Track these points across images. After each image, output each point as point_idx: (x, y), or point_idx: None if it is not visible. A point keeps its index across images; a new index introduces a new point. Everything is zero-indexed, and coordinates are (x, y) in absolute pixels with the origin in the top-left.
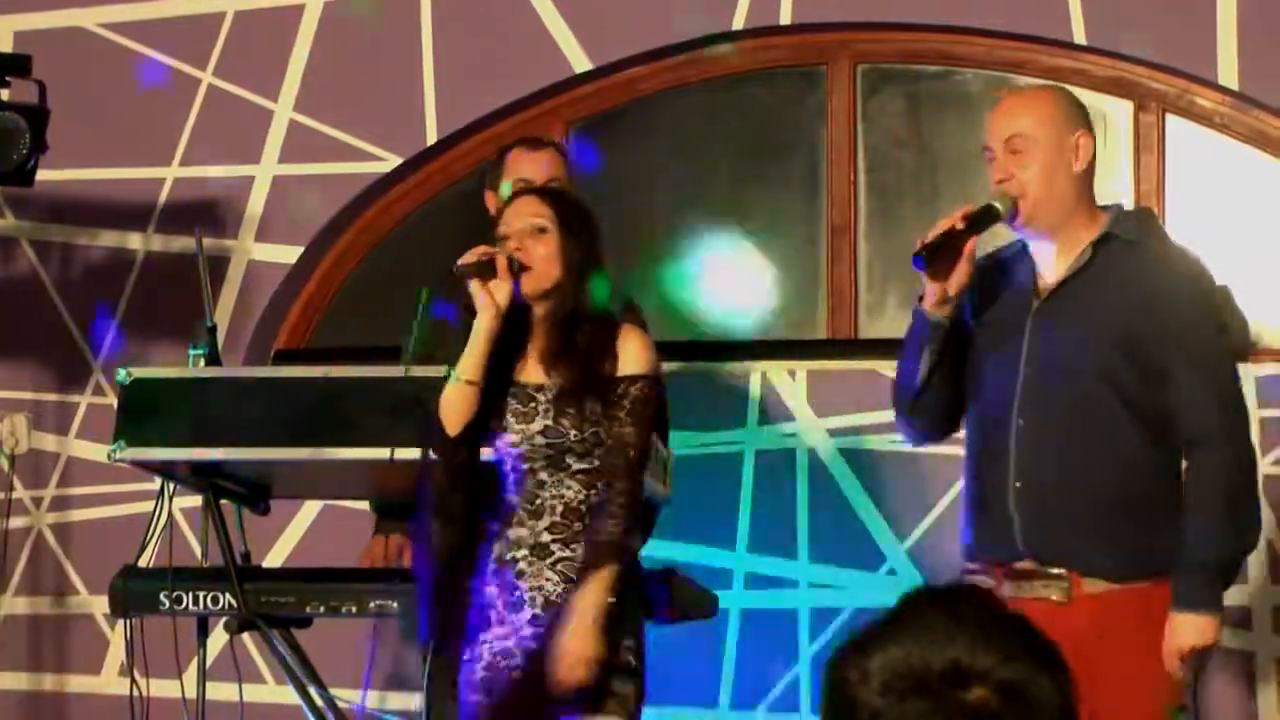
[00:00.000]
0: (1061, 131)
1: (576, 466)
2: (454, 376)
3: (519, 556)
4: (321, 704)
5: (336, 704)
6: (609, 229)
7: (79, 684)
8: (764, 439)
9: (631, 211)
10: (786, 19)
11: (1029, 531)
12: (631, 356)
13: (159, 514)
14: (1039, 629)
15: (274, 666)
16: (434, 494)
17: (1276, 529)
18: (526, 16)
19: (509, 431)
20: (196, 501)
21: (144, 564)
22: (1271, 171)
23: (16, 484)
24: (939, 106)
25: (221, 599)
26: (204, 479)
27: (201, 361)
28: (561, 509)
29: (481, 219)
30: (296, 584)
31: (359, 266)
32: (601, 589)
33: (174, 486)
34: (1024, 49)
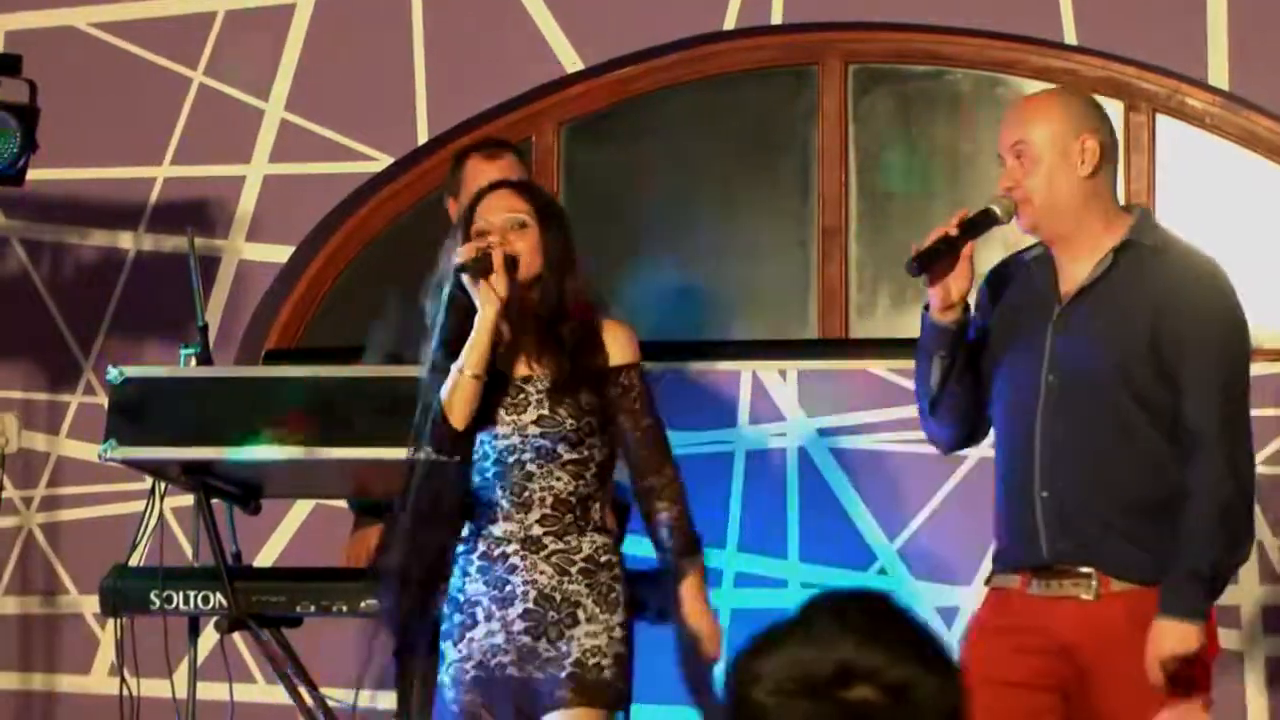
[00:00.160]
0: (1065, 136)
1: (568, 456)
2: (459, 370)
3: (509, 551)
4: (312, 703)
5: (327, 703)
6: (600, 229)
7: (69, 684)
8: (754, 439)
9: (622, 211)
10: (777, 19)
11: (1055, 540)
12: (621, 346)
13: (150, 513)
14: (933, 633)
15: (264, 666)
16: (430, 494)
17: (1267, 528)
18: (518, 16)
19: (498, 424)
20: (187, 501)
21: (134, 563)
22: (1262, 172)
23: (6, 483)
24: (930, 106)
25: (212, 598)
26: (195, 478)
27: (193, 361)
28: (552, 501)
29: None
30: (287, 583)
31: (350, 266)
32: (701, 577)
33: (165, 486)
34: (1015, 49)
